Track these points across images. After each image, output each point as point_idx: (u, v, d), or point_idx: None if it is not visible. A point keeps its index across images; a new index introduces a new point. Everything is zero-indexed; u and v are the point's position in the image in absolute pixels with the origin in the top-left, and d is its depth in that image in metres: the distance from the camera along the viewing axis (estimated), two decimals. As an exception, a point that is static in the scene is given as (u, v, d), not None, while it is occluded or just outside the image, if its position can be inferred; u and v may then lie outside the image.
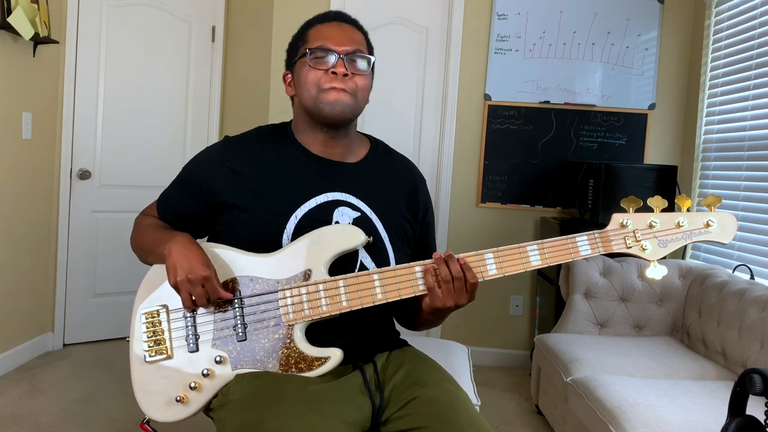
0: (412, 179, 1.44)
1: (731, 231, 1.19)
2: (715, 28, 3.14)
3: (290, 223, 1.26)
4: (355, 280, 1.21)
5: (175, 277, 1.18)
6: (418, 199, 1.43)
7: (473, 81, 3.44)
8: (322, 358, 1.20)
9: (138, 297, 1.28)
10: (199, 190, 1.32)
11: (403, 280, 1.21)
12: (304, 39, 1.32)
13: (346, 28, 1.32)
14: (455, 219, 3.48)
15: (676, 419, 1.79)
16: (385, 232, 1.33)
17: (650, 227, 1.20)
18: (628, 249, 1.20)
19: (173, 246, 1.20)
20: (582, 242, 1.20)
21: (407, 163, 1.47)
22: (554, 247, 1.20)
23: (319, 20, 1.34)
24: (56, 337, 3.31)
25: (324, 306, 1.21)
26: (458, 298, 1.18)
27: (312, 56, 1.27)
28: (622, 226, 1.21)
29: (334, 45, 1.27)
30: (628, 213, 1.21)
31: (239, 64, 3.76)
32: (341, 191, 1.31)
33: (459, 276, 1.17)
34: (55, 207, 3.27)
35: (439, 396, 1.20)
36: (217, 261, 1.24)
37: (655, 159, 3.42)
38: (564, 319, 2.76)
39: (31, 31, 2.76)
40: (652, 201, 1.20)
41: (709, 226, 1.19)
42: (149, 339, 1.25)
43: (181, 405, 1.22)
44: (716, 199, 1.18)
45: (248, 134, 1.38)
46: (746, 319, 2.24)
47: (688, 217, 1.20)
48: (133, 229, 1.41)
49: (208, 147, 1.42)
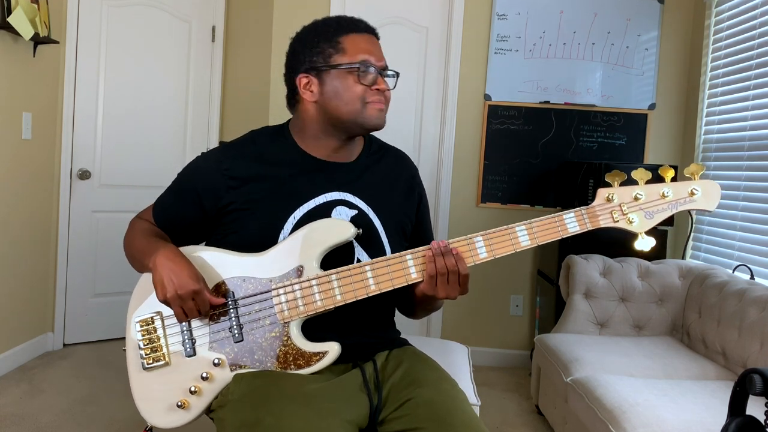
0: (409, 172, 1.46)
1: (715, 198, 1.20)
2: (715, 28, 3.14)
3: (288, 224, 1.27)
4: (348, 273, 1.21)
5: (165, 294, 1.17)
6: (415, 191, 1.44)
7: (473, 81, 3.44)
8: (320, 353, 1.21)
9: (131, 305, 1.28)
10: (197, 198, 1.32)
11: (395, 270, 1.21)
12: (338, 47, 1.28)
13: (376, 42, 1.33)
14: (455, 219, 3.48)
15: (676, 419, 1.79)
16: (383, 228, 1.33)
17: (636, 200, 1.21)
18: (615, 223, 1.21)
19: (158, 260, 1.20)
20: (569, 219, 1.21)
21: (402, 157, 1.49)
22: (542, 225, 1.21)
23: (351, 29, 1.30)
24: (56, 337, 3.31)
25: (318, 301, 1.21)
26: (450, 291, 1.19)
27: (359, 71, 1.26)
28: (608, 201, 1.21)
29: (376, 61, 1.28)
30: (613, 187, 1.21)
31: (239, 64, 3.76)
32: (338, 190, 1.32)
33: (453, 270, 1.18)
34: (55, 207, 3.27)
35: (436, 397, 1.20)
36: (206, 265, 1.24)
37: (655, 159, 3.42)
38: (564, 319, 2.76)
39: (31, 31, 2.76)
40: (635, 174, 1.21)
41: (694, 195, 1.20)
42: (146, 347, 1.25)
43: (183, 410, 1.22)
44: (698, 168, 1.19)
45: (244, 139, 1.38)
46: (746, 319, 2.24)
47: (673, 187, 1.20)
48: (126, 232, 1.41)
49: (203, 153, 1.41)
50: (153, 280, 1.20)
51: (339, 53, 1.27)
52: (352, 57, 1.26)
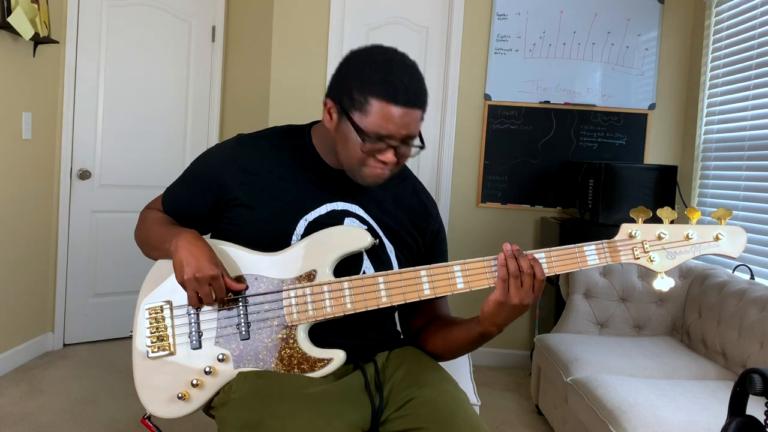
0: (424, 205, 1.41)
1: (741, 245, 1.19)
2: (715, 28, 3.14)
3: (300, 226, 1.26)
4: (361, 282, 1.20)
5: (183, 275, 1.17)
6: (428, 224, 1.39)
7: (473, 81, 3.44)
8: (324, 360, 1.20)
9: (142, 291, 1.28)
10: (208, 187, 1.30)
11: (408, 284, 1.20)
12: (364, 107, 1.16)
13: (412, 115, 1.17)
14: (455, 219, 3.48)
15: (676, 419, 1.79)
16: (392, 246, 1.32)
17: (659, 239, 1.19)
18: (636, 260, 1.19)
19: (180, 242, 1.19)
20: (590, 252, 1.19)
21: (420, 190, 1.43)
22: (561, 255, 1.19)
23: (390, 98, 1.14)
24: (56, 337, 3.31)
25: (328, 308, 1.20)
26: (524, 295, 1.14)
27: (367, 143, 1.17)
28: (631, 237, 1.20)
29: (396, 133, 1.17)
30: (637, 223, 1.20)
31: (239, 64, 3.76)
32: (350, 202, 1.30)
33: (529, 272, 1.14)
34: (55, 207, 3.27)
35: (437, 397, 1.20)
36: (223, 258, 1.23)
37: (655, 159, 3.42)
38: (564, 319, 2.76)
39: (31, 31, 2.76)
40: (661, 212, 1.19)
41: (719, 240, 1.19)
42: (152, 335, 1.25)
43: (183, 402, 1.22)
44: (726, 213, 1.18)
45: (263, 133, 1.35)
46: (746, 319, 2.24)
47: (698, 230, 1.19)
48: (138, 222, 1.40)
49: (219, 143, 1.39)
50: (173, 263, 1.19)
51: (361, 112, 1.16)
52: (369, 125, 1.15)
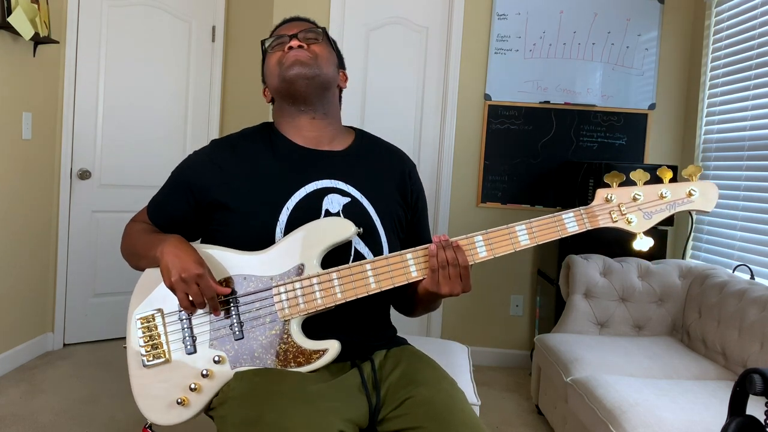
0: (402, 165, 1.46)
1: (713, 199, 1.22)
2: (715, 28, 3.14)
3: (282, 215, 1.27)
4: (349, 271, 1.22)
5: (170, 278, 1.19)
6: (409, 184, 1.44)
7: (473, 81, 3.44)
8: (320, 351, 1.21)
9: (132, 303, 1.28)
10: (189, 190, 1.33)
11: (396, 269, 1.22)
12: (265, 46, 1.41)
13: (297, 22, 1.40)
14: (455, 219, 3.48)
15: (676, 419, 1.79)
16: (377, 216, 1.34)
17: (634, 200, 1.22)
18: (614, 223, 1.22)
19: (165, 248, 1.21)
20: (568, 219, 1.22)
21: (396, 151, 1.49)
22: (542, 225, 1.22)
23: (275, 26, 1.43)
24: (56, 337, 3.31)
25: (319, 299, 1.22)
26: (453, 286, 1.20)
27: (269, 45, 1.37)
28: (607, 201, 1.23)
29: (286, 31, 1.36)
30: (612, 188, 1.23)
31: (239, 64, 3.76)
32: (329, 178, 1.32)
33: (454, 262, 1.19)
34: (55, 207, 3.27)
35: (435, 396, 1.20)
36: (209, 262, 1.24)
37: (655, 159, 3.42)
38: (564, 319, 2.76)
39: (31, 31, 2.76)
40: (634, 174, 1.23)
41: (692, 196, 1.22)
42: (146, 344, 1.25)
43: (182, 407, 1.22)
44: (696, 169, 1.21)
45: (233, 134, 1.42)
46: (746, 319, 2.24)
47: (671, 188, 1.22)
48: (123, 236, 1.42)
49: (196, 150, 1.43)
50: (161, 267, 1.21)
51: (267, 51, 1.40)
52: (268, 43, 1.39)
